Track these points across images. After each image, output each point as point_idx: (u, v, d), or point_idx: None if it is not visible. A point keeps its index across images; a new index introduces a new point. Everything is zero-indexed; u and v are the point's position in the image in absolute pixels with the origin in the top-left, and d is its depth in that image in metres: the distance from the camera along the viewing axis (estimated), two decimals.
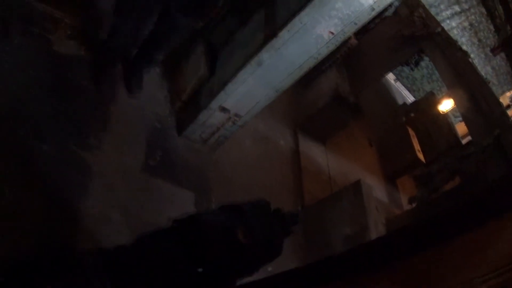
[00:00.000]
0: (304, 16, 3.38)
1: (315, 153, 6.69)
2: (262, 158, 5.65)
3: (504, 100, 10.27)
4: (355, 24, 3.51)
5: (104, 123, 3.87)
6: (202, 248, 2.54)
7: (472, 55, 8.36)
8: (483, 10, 8.88)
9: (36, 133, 3.31)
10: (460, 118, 8.58)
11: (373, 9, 3.44)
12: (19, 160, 3.15)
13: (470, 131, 6.59)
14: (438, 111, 8.94)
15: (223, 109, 4.12)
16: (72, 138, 3.54)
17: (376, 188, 6.48)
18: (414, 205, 6.64)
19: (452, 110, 9.09)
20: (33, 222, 3.00)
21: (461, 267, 1.39)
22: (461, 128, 9.35)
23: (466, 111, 6.47)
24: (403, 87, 11.39)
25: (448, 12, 8.77)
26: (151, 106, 4.43)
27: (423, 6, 7.36)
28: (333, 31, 3.51)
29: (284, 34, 3.48)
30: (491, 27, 9.01)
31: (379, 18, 7.74)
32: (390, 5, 4.15)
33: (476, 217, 1.40)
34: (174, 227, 2.69)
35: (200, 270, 2.55)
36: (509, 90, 10.62)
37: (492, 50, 8.91)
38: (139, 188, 3.90)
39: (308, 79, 7.02)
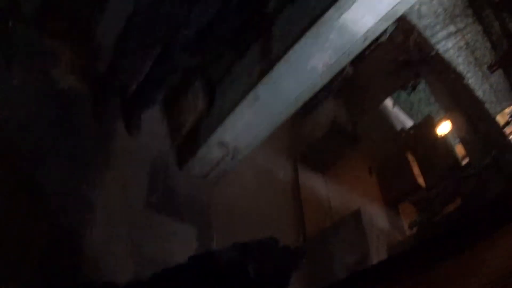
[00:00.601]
0: (299, 49, 3.42)
1: (315, 183, 6.69)
2: (263, 190, 5.65)
3: (503, 116, 10.30)
4: (349, 54, 3.56)
5: (106, 158, 3.90)
6: (216, 284, 2.60)
7: (469, 75, 8.44)
8: (479, 28, 8.97)
9: (39, 168, 3.34)
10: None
11: (365, 38, 3.49)
12: (22, 195, 3.17)
13: (468, 153, 6.62)
14: (436, 134, 8.96)
15: (222, 144, 4.15)
16: (75, 173, 3.57)
17: (377, 215, 6.48)
18: (414, 230, 6.63)
19: (452, 131, 9.11)
20: (38, 255, 3.02)
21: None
22: (461, 149, 9.37)
23: (463, 133, 6.51)
24: (401, 111, 11.41)
25: (444, 33, 8.85)
26: (152, 141, 4.46)
27: (418, 30, 7.44)
28: (328, 62, 3.56)
29: (279, 67, 3.52)
30: (488, 44, 9.08)
31: (374, 45, 7.82)
32: (384, 31, 4.21)
33: (465, 239, 1.43)
34: (189, 264, 2.75)
35: None
36: (508, 106, 10.64)
37: (489, 67, 8.97)
38: (142, 223, 3.91)
39: (306, 109, 7.07)
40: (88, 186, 3.60)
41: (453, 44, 9.03)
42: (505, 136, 6.10)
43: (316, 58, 3.50)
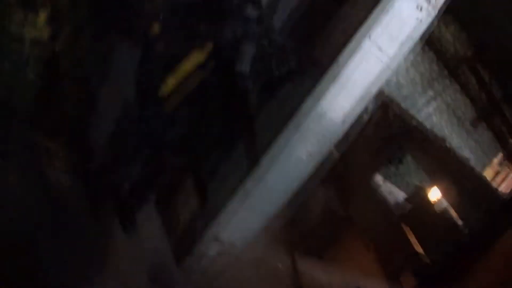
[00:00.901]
0: (282, 141, 3.55)
1: (314, 270, 6.58)
2: (263, 283, 5.61)
3: (493, 167, 10.34)
4: (330, 140, 3.68)
5: (104, 258, 3.90)
6: None
7: (453, 135, 8.57)
8: (457, 86, 9.16)
9: (36, 269, 3.33)
10: None
11: (344, 122, 3.63)
12: None
13: (460, 215, 6.64)
14: (429, 202, 8.98)
15: (218, 240, 4.17)
16: (73, 274, 3.55)
17: None
18: None
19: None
20: None
21: None
22: None
23: (453, 199, 6.55)
24: (392, 185, 11.41)
25: (424, 99, 9.04)
26: (149, 240, 4.47)
27: (396, 103, 7.59)
28: (311, 151, 3.67)
29: (265, 161, 3.63)
30: (467, 101, 9.25)
31: (356, 126, 7.96)
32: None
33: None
34: None
35: None
36: (495, 156, 10.66)
37: (472, 123, 9.10)
38: None
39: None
40: (88, 286, 3.62)
41: (434, 108, 9.20)
42: (492, 188, 6.15)
43: (299, 148, 3.62)
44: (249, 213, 3.98)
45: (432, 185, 9.02)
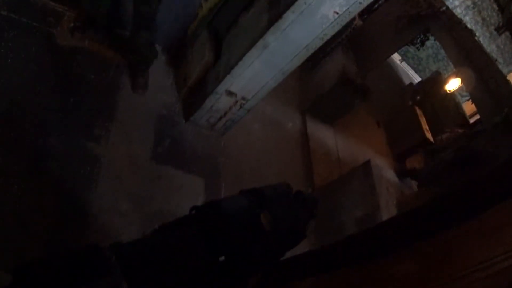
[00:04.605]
0: None
1: (323, 135, 6.65)
2: (271, 141, 5.62)
3: (510, 78, 10.19)
4: (360, 3, 3.45)
5: (110, 113, 3.90)
6: (224, 236, 2.46)
7: (476, 34, 8.30)
8: None
9: (43, 127, 3.33)
10: (467, 97, 8.52)
11: None
12: (26, 155, 3.16)
13: (478, 110, 6.53)
14: (444, 91, 8.88)
15: (230, 93, 4.08)
16: (79, 130, 3.56)
17: (385, 169, 6.41)
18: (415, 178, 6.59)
19: (459, 89, 9.04)
20: (43, 217, 3.01)
21: (483, 245, 1.37)
22: (468, 107, 9.31)
23: (474, 90, 6.40)
24: (409, 67, 11.32)
25: None
26: (158, 93, 4.43)
27: None
28: (338, 11, 3.45)
29: (289, 15, 3.41)
30: (494, 6, 8.93)
31: None
32: None
33: (496, 194, 1.38)
34: (193, 215, 2.62)
35: (222, 259, 2.50)
36: None
37: (498, 29, 8.84)
38: (148, 176, 3.91)
39: (314, 60, 6.96)
40: (92, 141, 3.60)
41: (460, 2, 8.86)
42: None
43: (327, 6, 3.39)
44: (265, 67, 3.82)
45: (451, 76, 8.89)
